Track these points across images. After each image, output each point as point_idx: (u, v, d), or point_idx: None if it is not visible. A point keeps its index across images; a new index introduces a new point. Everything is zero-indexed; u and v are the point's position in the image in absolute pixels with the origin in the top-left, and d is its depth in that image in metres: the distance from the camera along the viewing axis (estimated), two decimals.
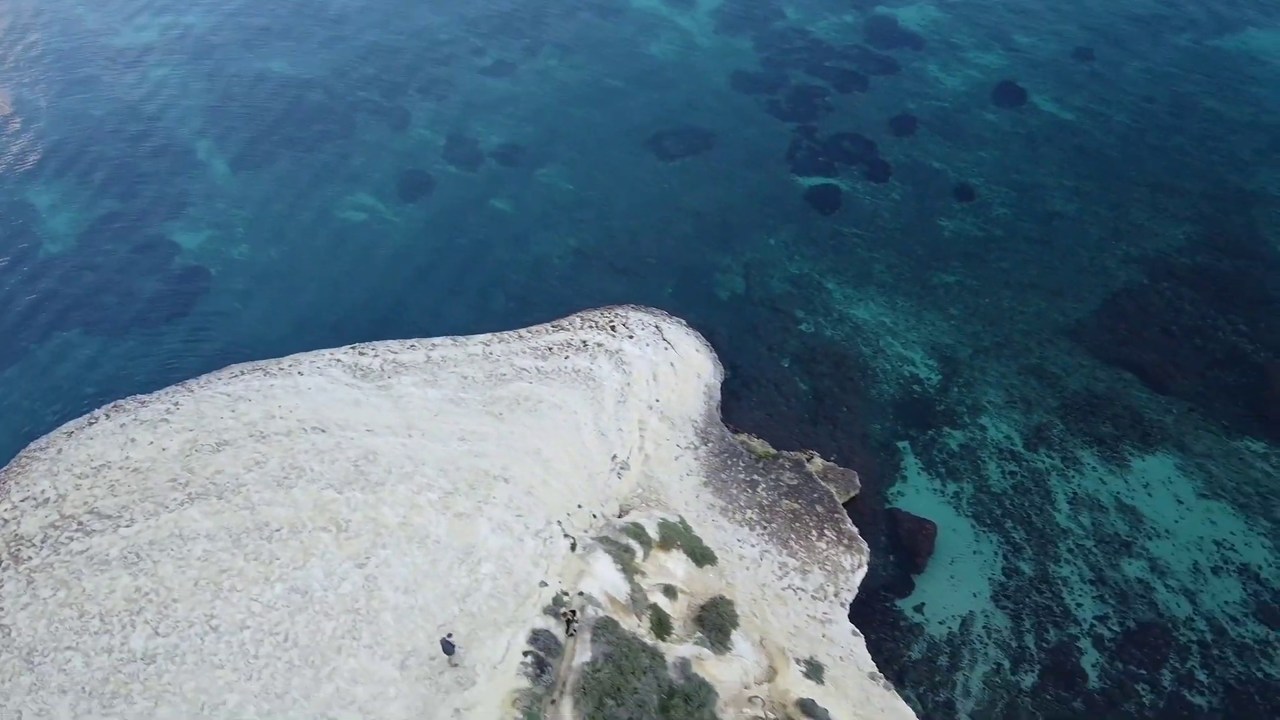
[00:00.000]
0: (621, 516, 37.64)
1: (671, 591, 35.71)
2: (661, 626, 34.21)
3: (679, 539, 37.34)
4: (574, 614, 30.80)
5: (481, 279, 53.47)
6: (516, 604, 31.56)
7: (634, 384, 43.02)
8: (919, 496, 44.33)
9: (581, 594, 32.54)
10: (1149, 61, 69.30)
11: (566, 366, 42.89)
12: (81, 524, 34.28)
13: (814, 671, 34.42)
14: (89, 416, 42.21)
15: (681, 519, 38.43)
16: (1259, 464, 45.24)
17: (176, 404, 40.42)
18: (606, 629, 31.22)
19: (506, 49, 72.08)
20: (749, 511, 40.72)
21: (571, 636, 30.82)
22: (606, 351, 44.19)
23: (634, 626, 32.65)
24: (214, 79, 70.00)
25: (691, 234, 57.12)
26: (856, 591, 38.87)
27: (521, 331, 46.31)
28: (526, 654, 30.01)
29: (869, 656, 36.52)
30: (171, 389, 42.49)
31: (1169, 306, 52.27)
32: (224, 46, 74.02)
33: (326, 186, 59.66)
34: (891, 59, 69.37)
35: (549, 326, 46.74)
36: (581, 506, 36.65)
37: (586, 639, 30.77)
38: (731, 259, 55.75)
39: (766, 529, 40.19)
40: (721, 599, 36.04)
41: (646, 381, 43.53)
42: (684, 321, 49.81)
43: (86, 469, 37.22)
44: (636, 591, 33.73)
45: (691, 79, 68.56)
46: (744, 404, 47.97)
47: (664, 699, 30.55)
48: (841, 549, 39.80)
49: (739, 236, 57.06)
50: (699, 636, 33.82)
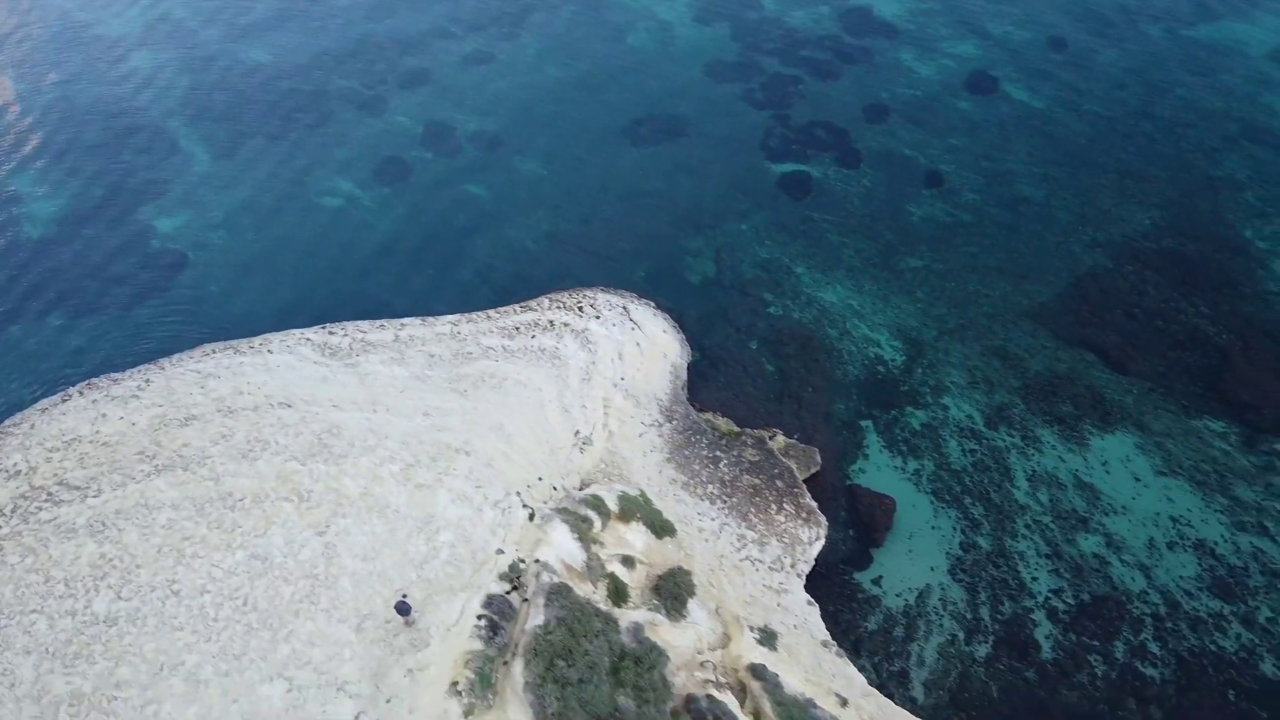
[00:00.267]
0: (582, 489, 38.38)
1: (630, 561, 36.44)
2: (619, 595, 34.96)
3: (639, 511, 38.07)
4: (518, 578, 31.51)
5: (455, 263, 54.20)
6: (473, 570, 32.30)
7: (599, 363, 43.76)
8: (880, 473, 45.09)
9: (538, 561, 33.28)
10: (1122, 51, 70.03)
11: (533, 345, 43.63)
12: (51, 495, 34.98)
13: (767, 639, 35.18)
14: (62, 394, 42.92)
15: (642, 492, 39.17)
16: (1217, 443, 46.00)
17: (148, 381, 41.13)
18: (560, 594, 31.96)
19: (486, 39, 72.77)
20: (710, 486, 41.47)
21: (525, 601, 31.59)
22: (573, 331, 44.94)
23: (589, 593, 33.40)
24: (196, 68, 70.69)
25: (665, 219, 57.84)
26: (813, 563, 39.63)
27: (490, 312, 47.07)
28: (480, 618, 30.77)
29: (823, 625, 37.30)
30: (144, 367, 43.22)
31: (1133, 290, 53.05)
32: (207, 37, 74.68)
33: (304, 172, 60.38)
34: (866, 48, 70.09)
35: (517, 307, 47.51)
36: (542, 479, 37.40)
37: (540, 603, 31.52)
38: (703, 244, 56.48)
39: (727, 503, 40.94)
40: (679, 569, 36.77)
41: (612, 360, 44.26)
42: (653, 304, 50.57)
43: (58, 443, 37.93)
44: (593, 560, 34.47)
45: (669, 68, 69.27)
46: (711, 384, 48.73)
47: (615, 661, 31.31)
48: (800, 522, 40.56)
49: (711, 222, 57.79)
50: (654, 604, 34.59)
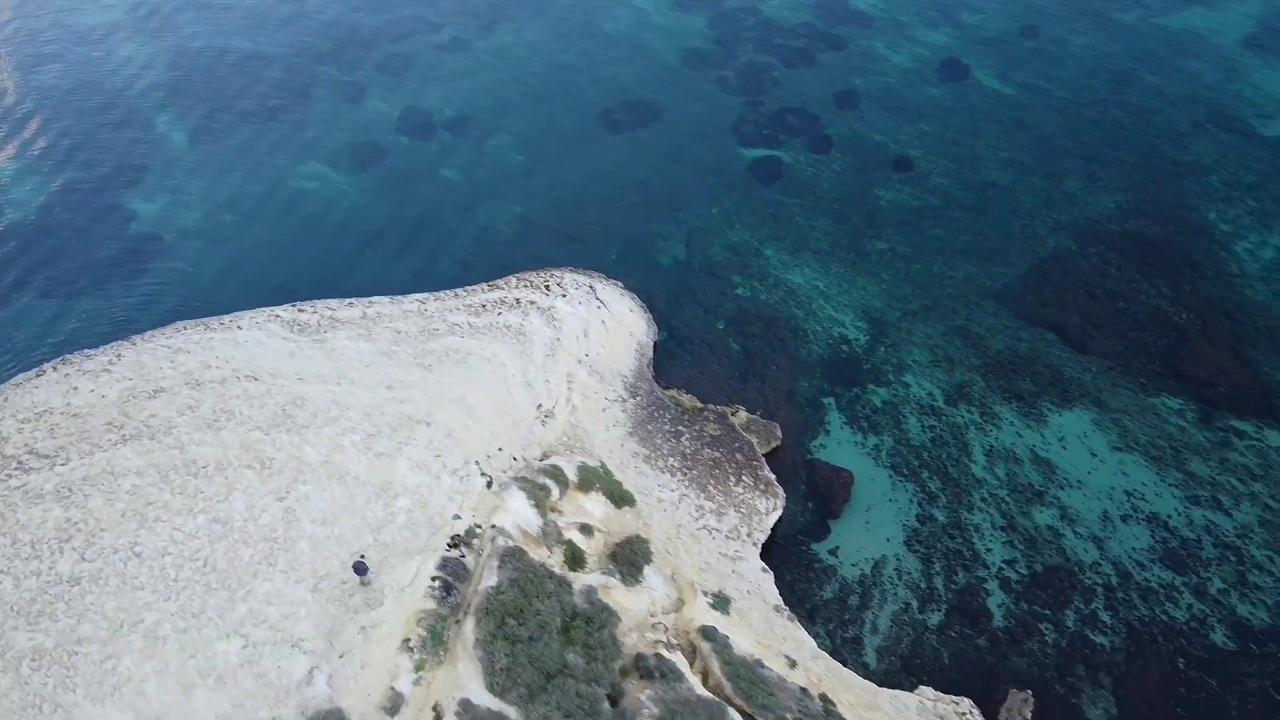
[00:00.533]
0: (543, 460, 39.24)
1: (588, 529, 37.30)
2: (576, 561, 35.82)
3: (598, 481, 38.93)
4: (459, 539, 32.37)
5: (428, 244, 55.07)
6: (429, 535, 33.16)
7: (564, 339, 44.63)
8: (840, 448, 45.94)
9: (494, 527, 34.15)
10: (1093, 39, 70.90)
11: (498, 322, 44.50)
12: (20, 463, 35.80)
13: (720, 603, 36.05)
14: (37, 370, 43.80)
15: (603, 464, 40.04)
16: (1174, 419, 46.86)
17: (119, 356, 41.98)
18: (514, 557, 32.84)
19: (464, 26, 73.66)
20: (671, 459, 42.34)
21: (478, 561, 32.48)
22: (538, 309, 45.81)
23: (544, 557, 34.26)
24: (177, 55, 71.56)
25: (637, 203, 58.69)
26: (769, 533, 40.50)
27: (458, 291, 47.94)
28: (435, 579, 31.63)
29: (776, 591, 38.18)
30: (116, 343, 44.08)
31: (1095, 271, 53.92)
32: (188, 24, 75.53)
33: (281, 157, 61.26)
34: (840, 36, 70.93)
35: (484, 286, 48.40)
36: (502, 450, 38.26)
37: (494, 565, 32.40)
38: (674, 227, 57.33)
39: (687, 475, 41.82)
40: (637, 538, 37.65)
41: (577, 337, 45.12)
42: (620, 284, 51.42)
43: (29, 414, 38.74)
44: (549, 526, 35.33)
45: (644, 55, 70.14)
46: (677, 362, 49.59)
47: (566, 621, 32.18)
48: (758, 493, 41.44)
49: (683, 206, 58.64)
50: (609, 568, 35.47)
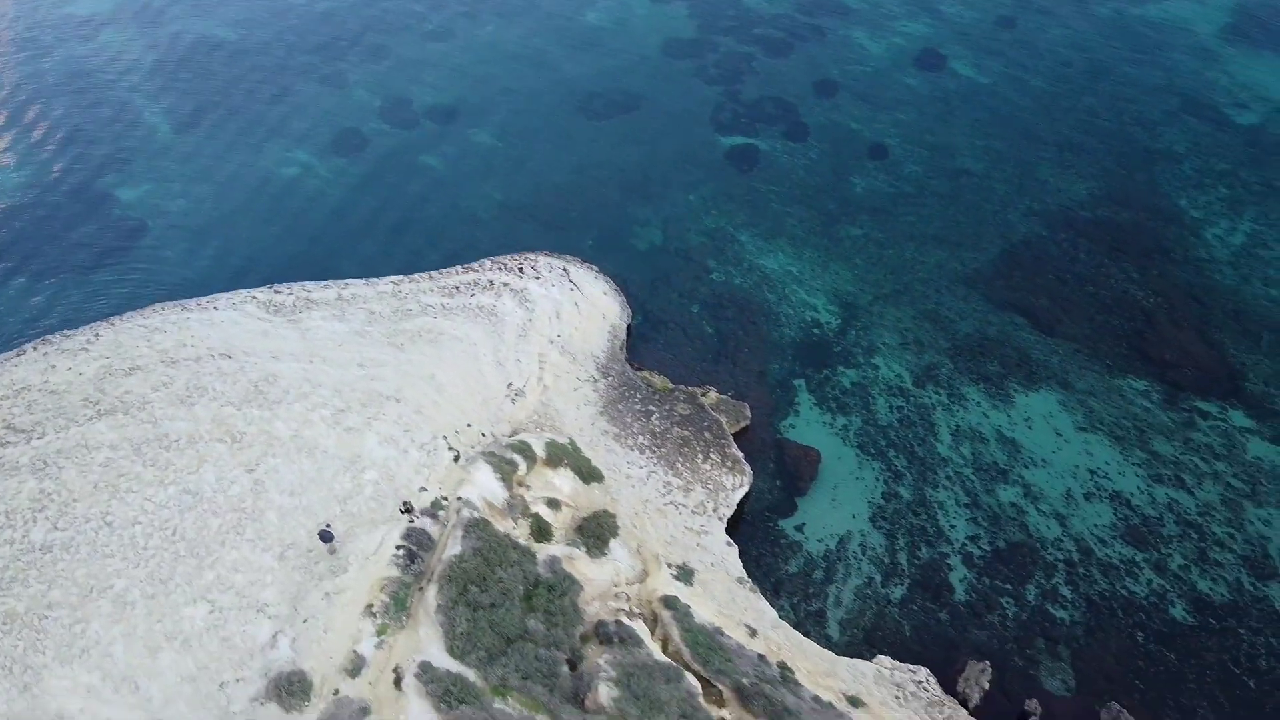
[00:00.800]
0: (513, 437, 39.94)
1: (555, 504, 37.99)
2: (542, 533, 36.52)
3: (567, 457, 39.63)
4: (409, 506, 33.07)
5: (407, 230, 55.80)
6: (396, 506, 33.83)
7: (536, 320, 45.31)
8: (809, 428, 46.67)
9: (460, 499, 34.85)
10: (1070, 29, 71.62)
11: (471, 303, 45.18)
12: None
13: (684, 575, 36.77)
14: (18, 350, 44.40)
15: (572, 441, 40.74)
16: (1139, 400, 47.60)
17: (97, 335, 42.62)
18: (478, 527, 33.54)
19: (448, 16, 74.38)
20: (641, 438, 43.05)
21: (443, 531, 33.19)
22: (511, 290, 46.50)
23: (509, 529, 34.99)
24: (164, 46, 72.28)
25: (615, 190, 59.41)
26: (735, 508, 41.22)
27: (432, 273, 48.66)
28: (399, 548, 32.31)
29: (740, 564, 38.89)
30: (95, 324, 44.70)
31: (1065, 256, 54.65)
32: (176, 16, 76.19)
33: (264, 145, 61.97)
34: (819, 27, 71.65)
35: (459, 268, 49.10)
36: (471, 426, 38.96)
37: (458, 535, 33.10)
38: (651, 213, 58.04)
39: (656, 453, 42.53)
40: (604, 512, 38.34)
41: (549, 319, 45.81)
42: (595, 268, 52.11)
43: (8, 391, 39.34)
44: (515, 499, 36.03)
45: (625, 45, 70.84)
46: (651, 345, 50.31)
47: (529, 589, 32.92)
48: (725, 470, 42.15)
49: (660, 193, 59.35)
50: (574, 540, 36.18)
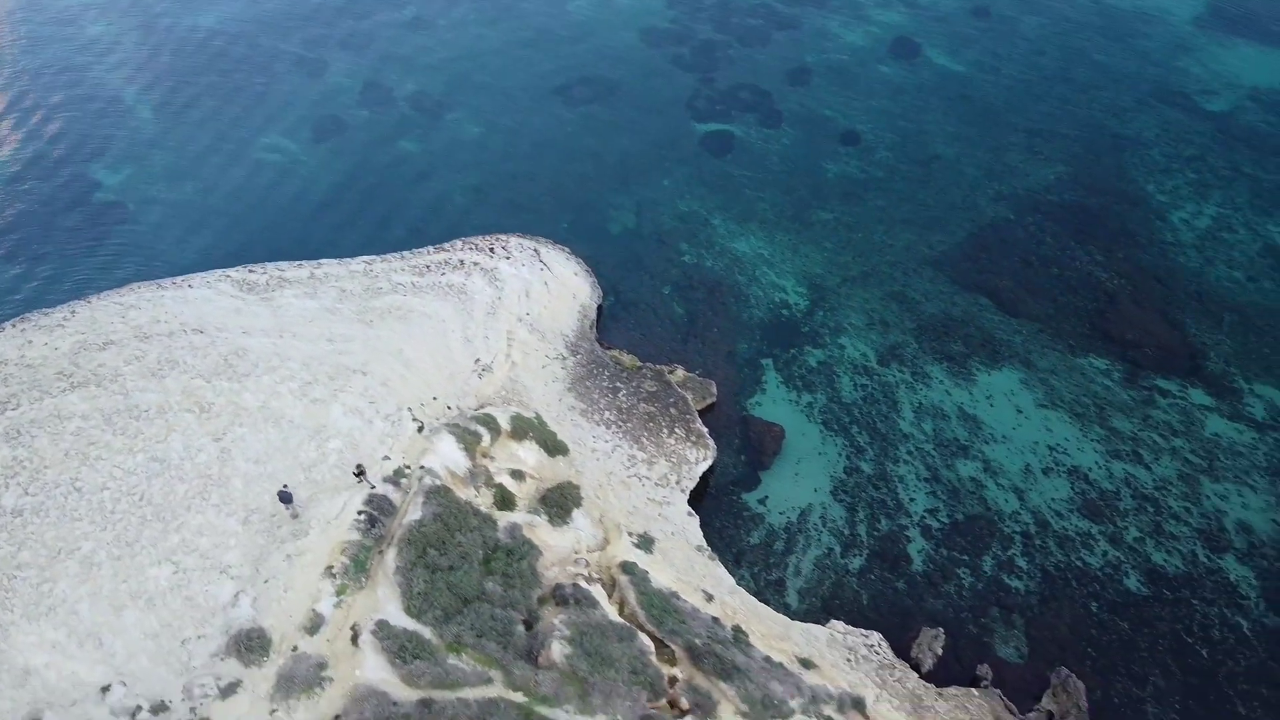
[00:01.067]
0: (479, 410, 40.78)
1: (520, 475, 38.84)
2: (506, 503, 37.35)
3: (532, 431, 40.49)
4: (362, 469, 33.89)
5: (382, 212, 56.67)
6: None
7: (505, 299, 46.17)
8: (775, 405, 47.54)
9: (423, 467, 35.71)
10: (1044, 18, 72.45)
11: (441, 282, 46.02)
12: None
13: (645, 543, 37.64)
14: None
15: (538, 415, 41.60)
16: (1100, 379, 48.49)
17: (74, 312, 43.46)
18: (440, 494, 34.41)
19: (427, 3, 75.13)
20: (607, 413, 43.93)
21: (404, 498, 34.06)
22: (482, 269, 47.34)
23: (470, 497, 35.84)
24: (146, 34, 73.16)
25: (590, 175, 60.27)
26: (698, 480, 42.08)
27: (404, 253, 49.52)
28: (361, 513, 33.15)
29: (700, 533, 39.77)
30: (73, 302, 45.52)
31: (1031, 239, 55.54)
32: (158, 4, 76.92)
33: (243, 129, 62.82)
34: (795, 16, 72.48)
35: (430, 249, 49.97)
36: (436, 399, 39.81)
37: (419, 501, 33.96)
38: (626, 197, 58.90)
39: (622, 428, 43.41)
40: (568, 484, 39.21)
41: (519, 297, 46.68)
42: (567, 249, 52.98)
43: None
44: (478, 469, 36.88)
45: (603, 33, 71.70)
46: (621, 325, 51.18)
47: (488, 553, 33.79)
48: (689, 445, 43.03)
49: (635, 178, 60.21)
50: (537, 509, 37.04)
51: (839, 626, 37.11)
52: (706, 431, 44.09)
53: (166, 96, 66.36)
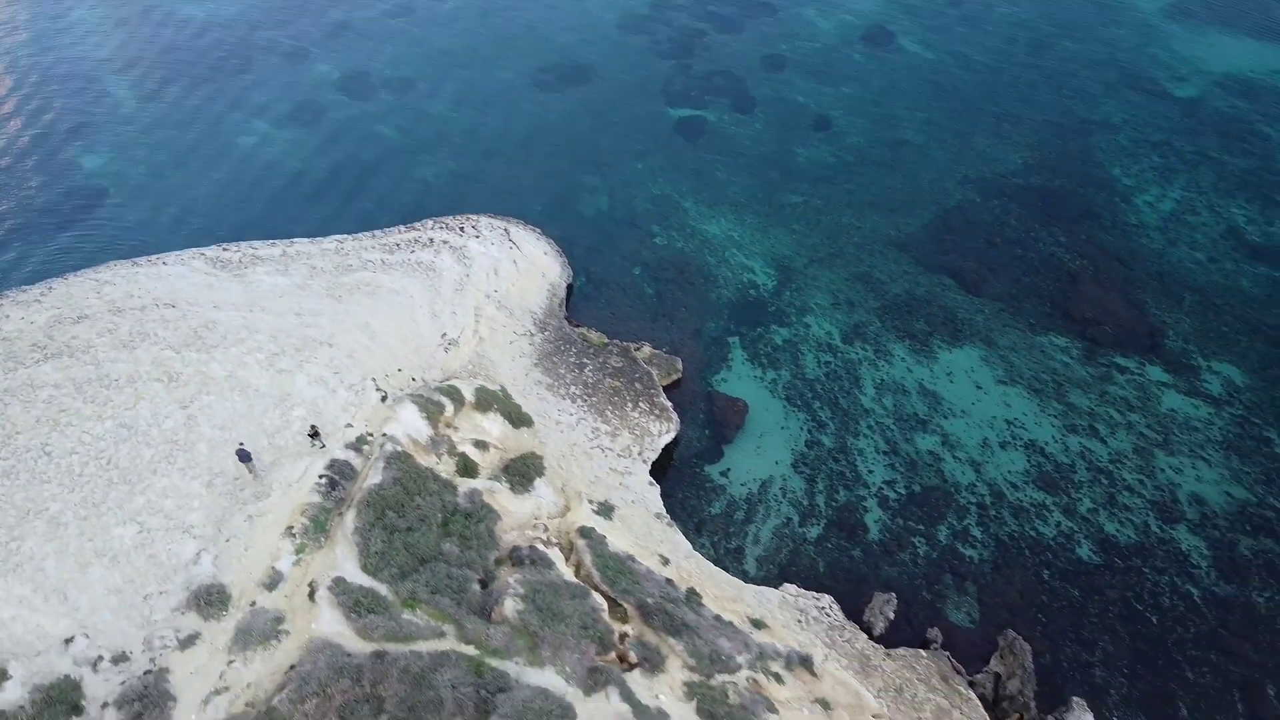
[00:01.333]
0: (444, 382, 41.72)
1: (483, 445, 39.77)
2: (468, 471, 38.29)
3: (497, 403, 41.43)
4: (316, 430, 34.79)
5: (359, 195, 57.61)
6: (322, 439, 35.63)
7: (474, 276, 47.09)
8: (740, 382, 48.49)
9: (385, 435, 36.65)
10: (1017, 6, 73.46)
11: (410, 259, 46.95)
12: None
13: (604, 510, 38.59)
14: None
15: (503, 388, 42.54)
16: (1059, 356, 49.45)
17: (50, 289, 44.39)
18: (400, 460, 35.35)
19: None
20: (573, 388, 44.87)
21: (365, 463, 35.01)
22: (451, 247, 48.27)
23: (432, 464, 36.78)
24: (130, 21, 74.08)
25: (564, 158, 61.21)
26: (660, 452, 42.99)
27: (375, 232, 50.48)
28: (322, 477, 34.11)
29: (660, 501, 40.67)
30: (50, 280, 46.44)
31: (996, 221, 56.51)
32: None
33: (224, 115, 63.76)
34: (772, 3, 73.46)
35: (401, 227, 50.93)
36: (401, 370, 40.75)
37: (380, 466, 34.90)
38: (600, 181, 59.84)
39: (587, 402, 44.34)
40: (532, 454, 40.14)
41: (487, 275, 47.61)
42: (539, 230, 53.93)
43: None
44: (439, 437, 37.82)
45: (581, 20, 72.70)
46: (592, 304, 52.12)
47: (447, 516, 34.74)
48: (652, 418, 43.98)
49: (609, 162, 61.15)
50: (499, 477, 37.98)
51: (791, 589, 38.04)
52: (670, 405, 45.01)
53: (149, 83, 67.28)
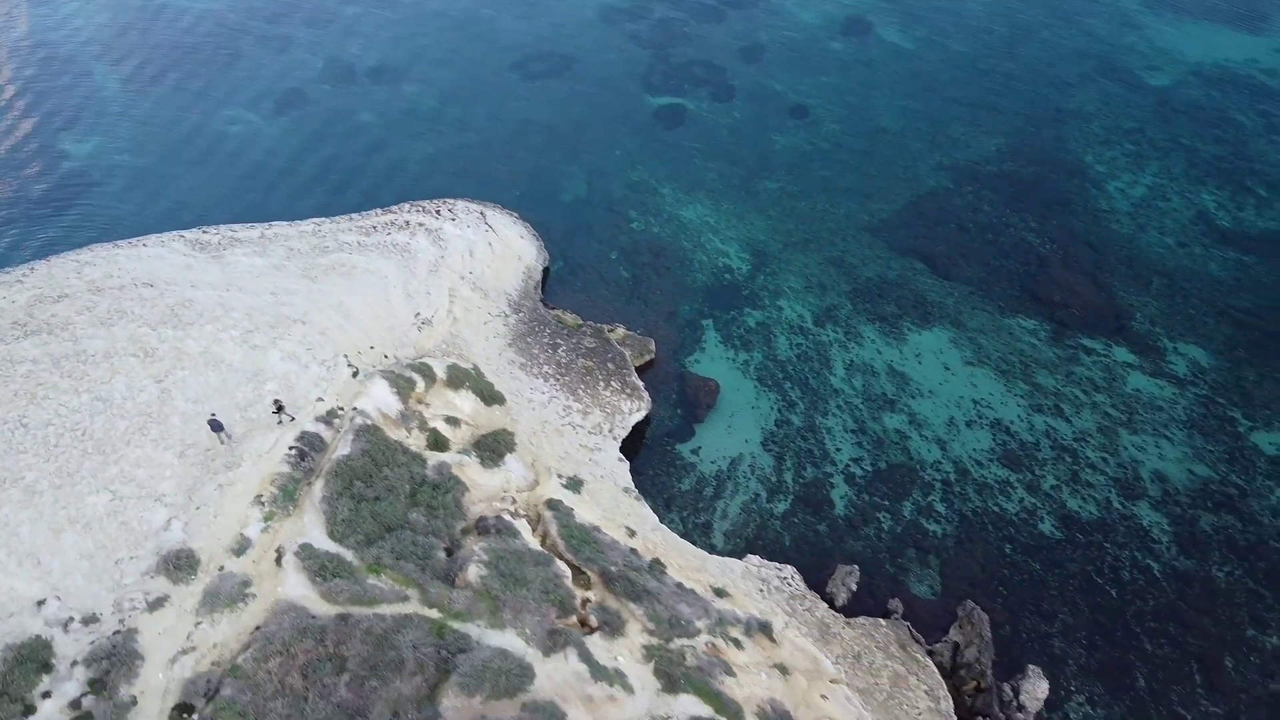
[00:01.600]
0: (416, 360, 42.50)
1: (455, 421, 40.56)
2: (439, 446, 39.09)
3: (469, 380, 42.21)
4: (280, 405, 35.58)
5: (341, 181, 58.41)
6: (294, 414, 36.40)
7: (449, 257, 47.88)
8: (712, 363, 49.30)
9: (355, 409, 37.43)
10: None
11: (386, 241, 47.72)
12: None
13: (573, 485, 39.38)
14: None
15: (475, 367, 43.32)
16: (1026, 338, 50.27)
17: (32, 269, 45.12)
18: (369, 433, 36.13)
19: None
20: (546, 367, 45.66)
21: (335, 435, 35.80)
22: (426, 230, 49.05)
23: (403, 438, 37.57)
24: (116, 10, 74.82)
25: (544, 146, 61.97)
26: (630, 430, 43.77)
27: (353, 215, 51.25)
28: (292, 448, 34.89)
29: (629, 476, 41.45)
30: (33, 261, 47.20)
31: (968, 207, 57.31)
32: None
33: (207, 102, 64.52)
34: None
35: (379, 210, 51.73)
36: (374, 348, 41.54)
37: (349, 439, 35.68)
38: (578, 167, 60.60)
39: (560, 381, 45.13)
40: (503, 430, 40.94)
41: (462, 256, 48.38)
42: (515, 214, 54.70)
43: None
44: (410, 412, 38.60)
45: (561, 9, 73.51)
46: (568, 287, 52.92)
47: (415, 487, 35.53)
48: (624, 397, 44.77)
49: (588, 149, 61.92)
50: (468, 449, 38.76)
51: (754, 560, 38.87)
52: (642, 385, 45.78)
53: (135, 71, 68.06)
